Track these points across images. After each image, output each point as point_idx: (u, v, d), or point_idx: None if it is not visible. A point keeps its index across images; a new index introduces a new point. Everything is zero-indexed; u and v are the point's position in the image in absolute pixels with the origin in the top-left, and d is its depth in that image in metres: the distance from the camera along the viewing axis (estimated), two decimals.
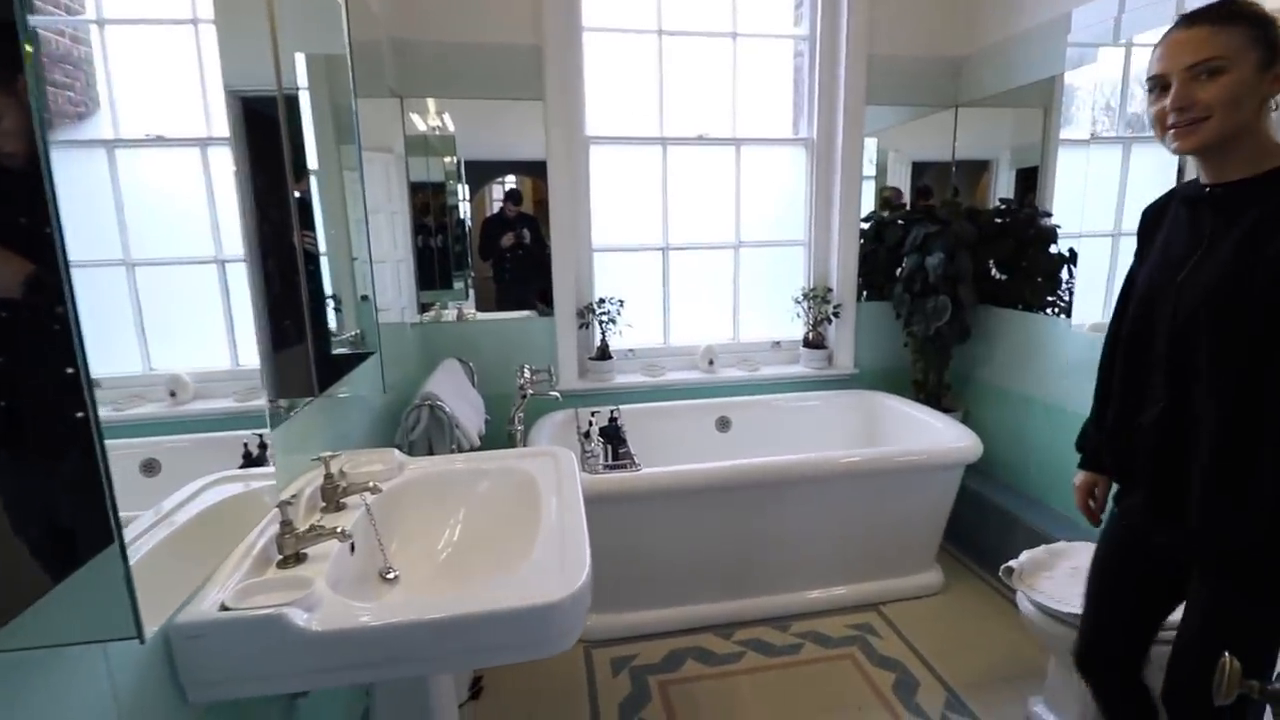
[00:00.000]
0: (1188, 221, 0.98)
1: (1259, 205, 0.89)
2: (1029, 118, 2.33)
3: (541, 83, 2.27)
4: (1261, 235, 0.87)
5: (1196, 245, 0.95)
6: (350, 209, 1.68)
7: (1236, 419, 0.90)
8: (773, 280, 2.73)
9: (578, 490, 1.18)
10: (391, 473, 1.27)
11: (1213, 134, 0.89)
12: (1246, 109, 0.87)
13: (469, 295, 2.48)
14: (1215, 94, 0.87)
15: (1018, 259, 2.40)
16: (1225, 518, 0.93)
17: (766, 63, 2.61)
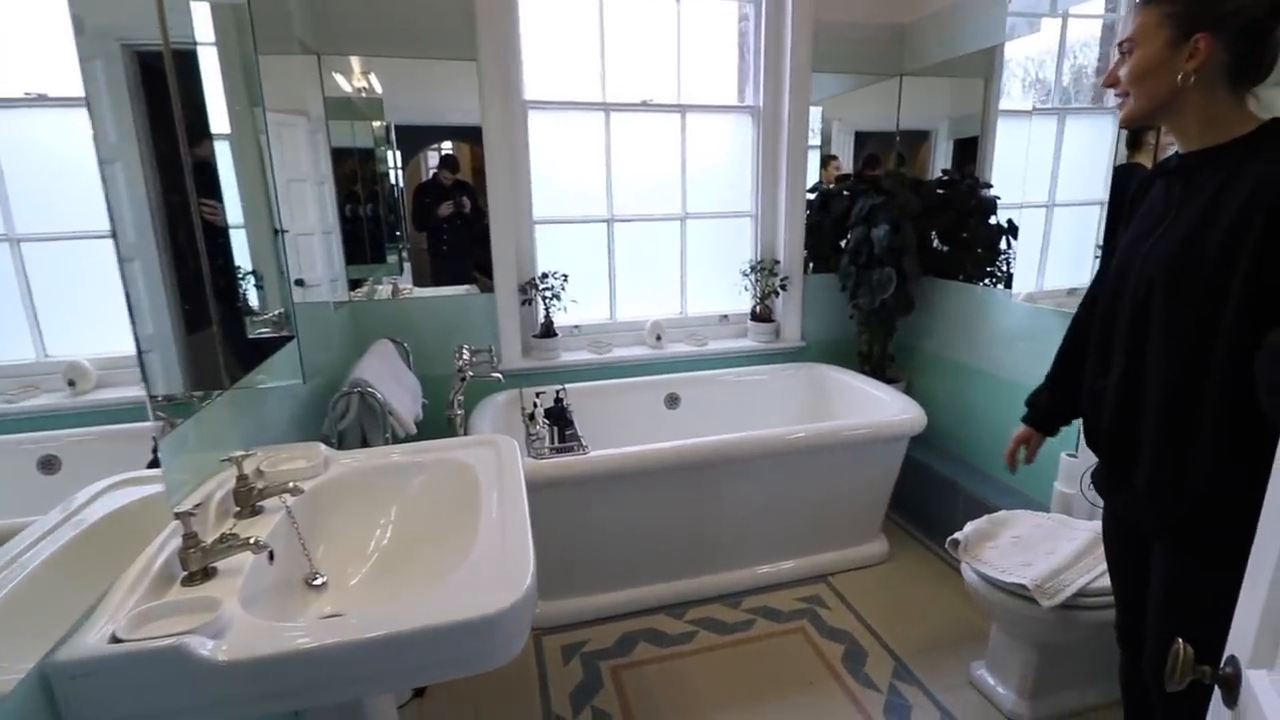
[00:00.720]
0: (1163, 192, 0.99)
1: (1220, 175, 0.89)
2: (969, 88, 2.34)
3: (474, 42, 2.12)
4: (1219, 205, 0.88)
5: (1164, 216, 0.97)
6: (274, 177, 1.54)
7: (1183, 387, 0.91)
8: (720, 253, 2.69)
9: (520, 483, 1.12)
10: (316, 469, 1.17)
11: (1134, 109, 0.95)
12: (1158, 86, 0.91)
13: (403, 269, 2.34)
14: (1126, 73, 0.94)
15: (959, 230, 2.43)
16: (1168, 485, 0.94)
17: (711, 27, 2.52)
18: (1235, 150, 0.89)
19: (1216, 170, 0.90)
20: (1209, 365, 0.88)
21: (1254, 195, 0.83)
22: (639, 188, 2.53)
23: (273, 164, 1.54)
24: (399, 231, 2.30)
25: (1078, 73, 1.96)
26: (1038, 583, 1.47)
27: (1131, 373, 0.98)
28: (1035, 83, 2.08)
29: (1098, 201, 1.89)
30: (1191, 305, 0.89)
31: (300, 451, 1.21)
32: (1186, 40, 0.87)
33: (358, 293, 2.24)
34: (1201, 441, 0.90)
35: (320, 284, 1.88)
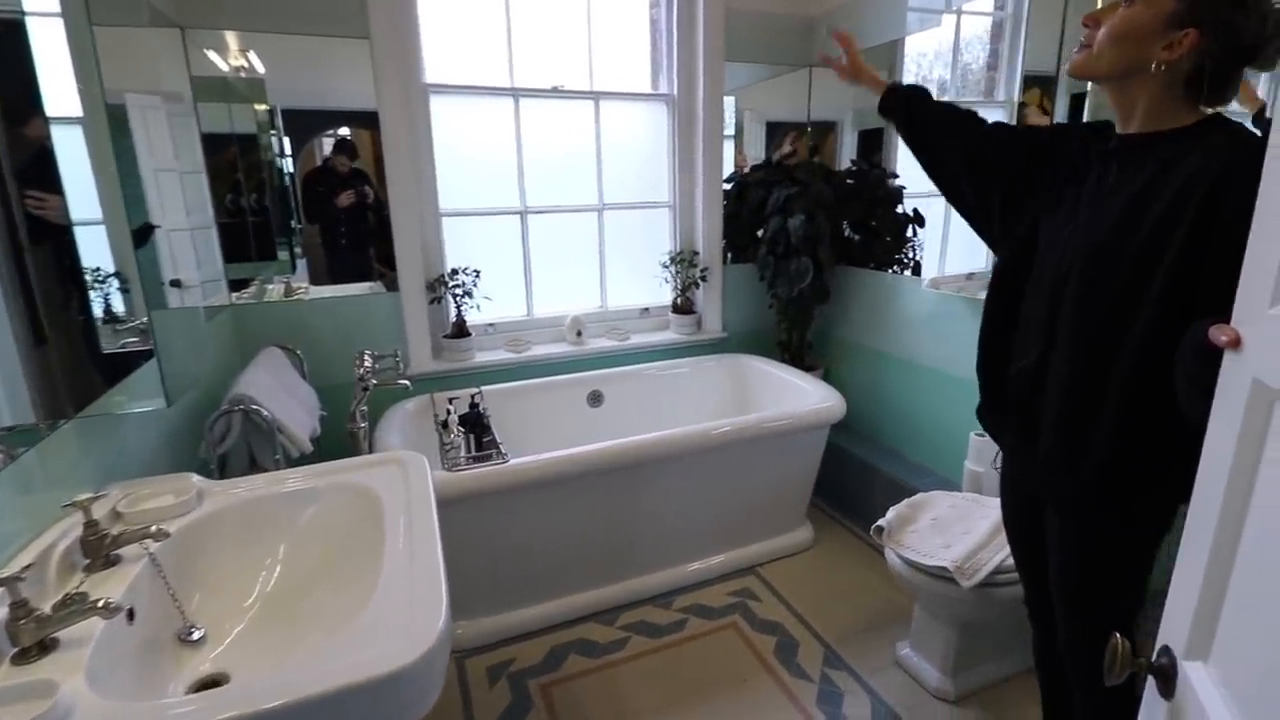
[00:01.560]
0: (1099, 174, 0.96)
1: (1157, 160, 0.87)
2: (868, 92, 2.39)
3: (365, 18, 1.94)
4: (1153, 190, 0.86)
5: (1095, 197, 0.95)
6: (140, 165, 1.36)
7: (1090, 366, 0.92)
8: (639, 244, 2.64)
9: (431, 507, 1.02)
10: (188, 505, 1.03)
11: (1092, 65, 0.90)
12: (1130, 56, 0.86)
13: (296, 266, 2.14)
14: (1108, 24, 0.87)
15: (869, 219, 2.49)
16: (1068, 457, 0.96)
17: (623, 12, 2.45)
18: (1176, 138, 0.87)
19: (1155, 156, 0.88)
20: (1120, 346, 0.89)
21: (1191, 179, 0.81)
22: (553, 178, 2.42)
23: (133, 151, 1.35)
24: (293, 223, 2.10)
25: (970, 68, 2.03)
26: (957, 564, 1.51)
27: (1045, 355, 0.99)
28: (931, 77, 2.14)
29: None
30: (1110, 288, 0.89)
31: (168, 485, 1.06)
32: (1179, 28, 0.83)
33: (244, 293, 2.02)
34: (1104, 419, 0.91)
35: (194, 285, 1.68)
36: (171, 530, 0.94)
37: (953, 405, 2.17)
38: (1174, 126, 0.88)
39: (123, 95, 1.36)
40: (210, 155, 1.88)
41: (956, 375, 2.14)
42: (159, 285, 1.48)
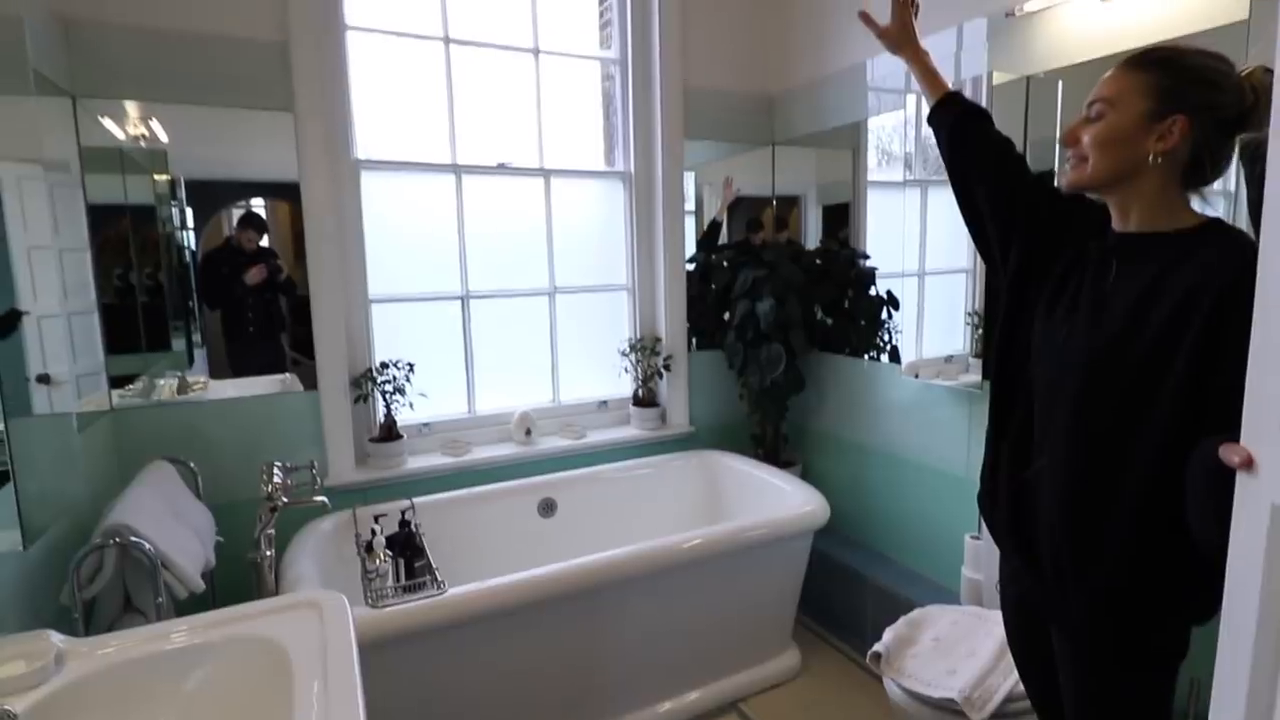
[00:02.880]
0: (1097, 272, 1.01)
1: (1161, 260, 0.92)
2: (837, 157, 2.54)
3: (290, 90, 1.97)
4: (1160, 289, 0.90)
5: (1094, 300, 0.98)
6: (10, 242, 1.31)
7: (1099, 479, 0.94)
8: (595, 331, 2.64)
9: (353, 660, 0.93)
10: (42, 674, 0.90)
11: (1087, 175, 0.96)
12: (1124, 157, 0.93)
13: (193, 359, 2.04)
14: (1090, 135, 0.95)
15: (841, 302, 2.58)
16: (1076, 575, 0.97)
17: (574, 86, 2.57)
18: (1182, 240, 0.92)
19: (1159, 256, 0.93)
20: (1128, 456, 0.91)
21: (1198, 286, 0.85)
22: (499, 260, 2.44)
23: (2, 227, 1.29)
24: (191, 304, 2.02)
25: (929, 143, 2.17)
26: (966, 694, 1.47)
27: (1048, 463, 1.01)
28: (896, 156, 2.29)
29: (963, 270, 2.09)
30: (1114, 392, 0.92)
31: (18, 648, 0.94)
32: (1163, 119, 0.90)
33: (129, 390, 1.90)
34: (1114, 536, 0.92)
35: (67, 382, 1.58)
36: (19, 710, 0.82)
37: (942, 503, 2.18)
38: (1175, 228, 0.94)
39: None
40: (99, 229, 1.81)
41: (943, 470, 2.16)
42: (23, 382, 1.39)
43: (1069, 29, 1.72)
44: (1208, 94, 0.89)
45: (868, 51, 2.30)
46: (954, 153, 1.23)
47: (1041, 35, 1.78)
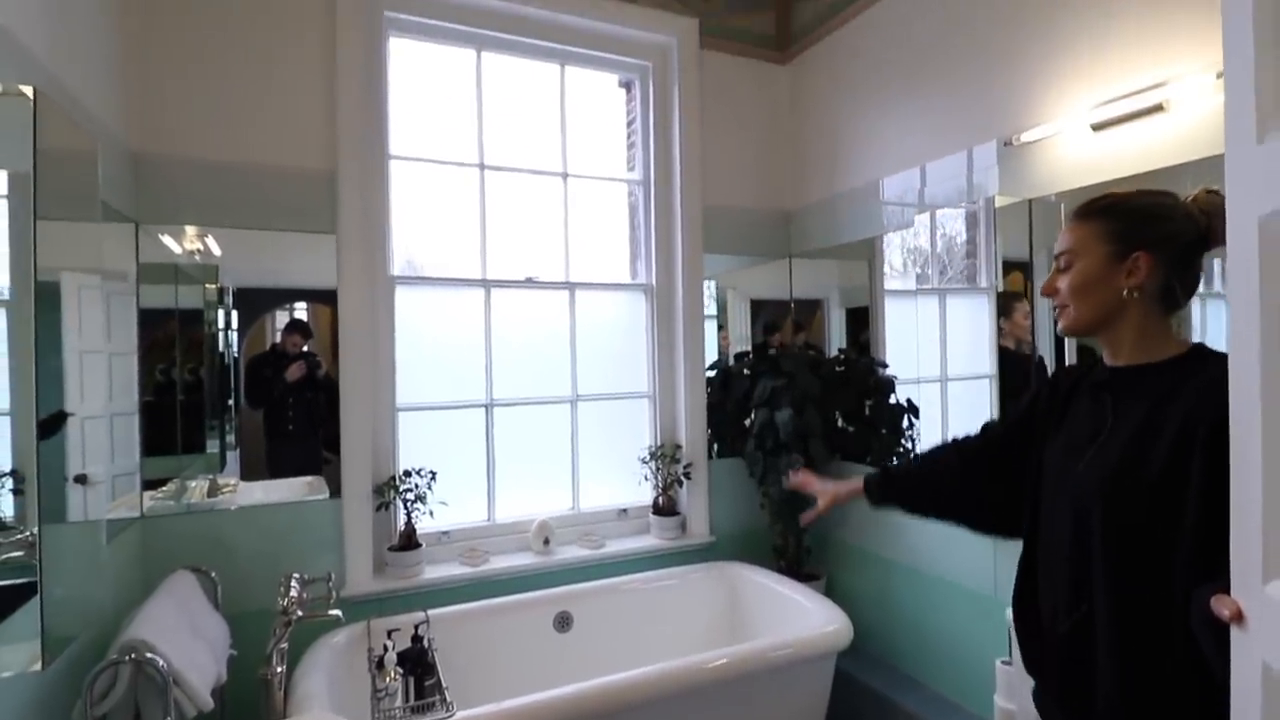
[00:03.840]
0: (1093, 406, 1.05)
1: (1156, 390, 0.96)
2: (857, 267, 2.62)
3: (334, 214, 2.12)
4: (1160, 419, 0.93)
5: (1097, 433, 1.01)
6: (64, 346, 1.38)
7: (1141, 620, 0.91)
8: (616, 438, 2.66)
9: None
10: None
11: (1074, 321, 1.03)
12: (1101, 299, 1.00)
13: (225, 461, 2.09)
14: (1066, 284, 1.03)
15: (861, 410, 2.58)
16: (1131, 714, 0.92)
17: (600, 203, 2.71)
18: (1170, 369, 0.97)
19: (1152, 386, 0.97)
20: (1168, 593, 0.88)
21: (1198, 406, 0.88)
22: (523, 369, 2.51)
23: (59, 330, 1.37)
24: (230, 402, 2.09)
25: (951, 255, 2.23)
26: None
27: (1086, 612, 0.98)
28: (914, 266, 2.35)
29: (986, 375, 2.08)
30: (1137, 529, 0.91)
31: None
32: (1125, 258, 0.97)
33: (160, 493, 1.95)
34: (1167, 670, 0.89)
35: (103, 482, 1.62)
36: None
37: (970, 624, 2.08)
38: (1164, 357, 0.98)
39: (58, 273, 1.40)
40: (147, 329, 1.91)
41: (970, 588, 2.08)
42: (61, 482, 1.43)
43: (1064, 157, 1.79)
44: (1160, 227, 0.97)
45: (880, 170, 2.41)
46: (928, 512, 1.34)
47: (1040, 162, 1.86)
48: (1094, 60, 1.72)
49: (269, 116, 2.05)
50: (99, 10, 1.72)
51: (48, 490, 1.29)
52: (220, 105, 2.00)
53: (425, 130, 2.39)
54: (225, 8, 2.01)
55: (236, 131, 2.01)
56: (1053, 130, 1.80)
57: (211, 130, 1.99)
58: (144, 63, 1.92)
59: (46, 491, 1.28)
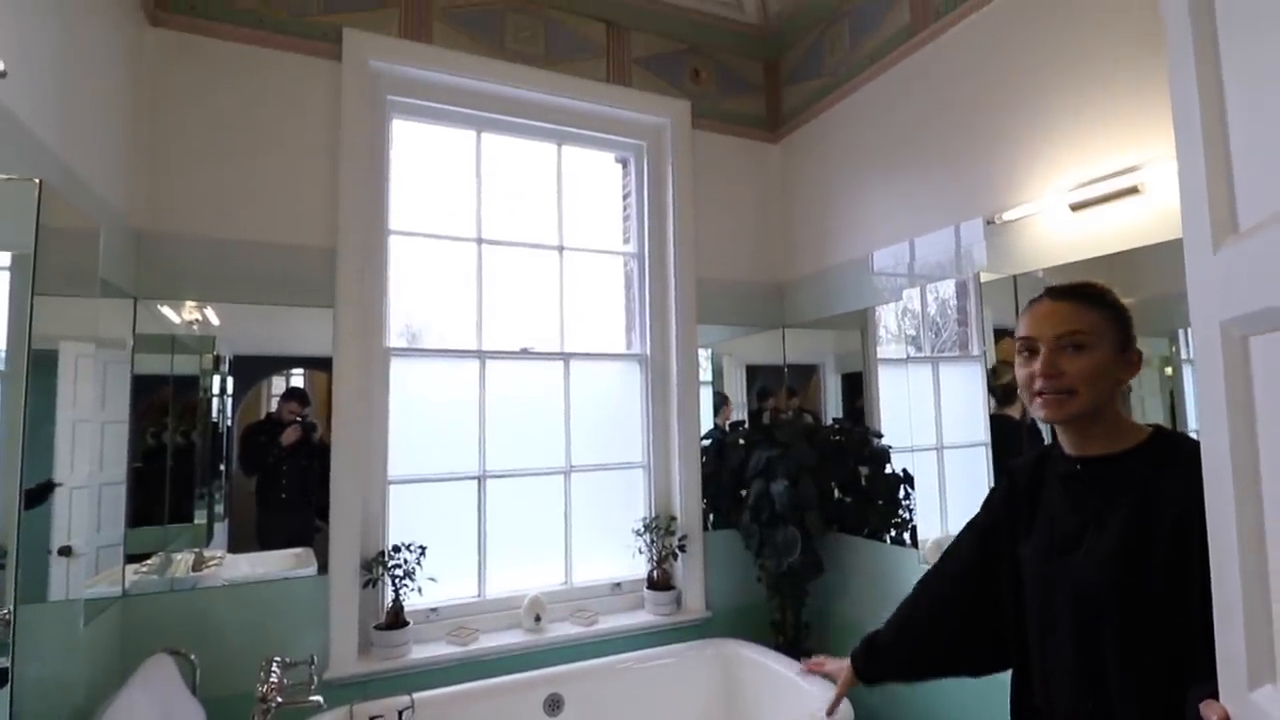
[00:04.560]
0: (1068, 498, 1.04)
1: (1137, 482, 0.96)
2: (850, 336, 2.64)
3: (332, 289, 2.15)
4: (1146, 521, 0.92)
5: (1082, 529, 1.00)
6: (58, 415, 1.40)
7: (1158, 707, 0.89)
8: (610, 510, 2.63)
9: None
10: None
11: (1079, 408, 0.99)
12: (1105, 388, 0.99)
13: (213, 533, 2.06)
14: (1081, 368, 0.98)
15: (857, 480, 2.55)
16: None
17: (596, 275, 2.76)
18: (1140, 457, 0.98)
19: (1129, 477, 0.97)
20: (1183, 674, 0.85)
21: (1188, 498, 0.85)
22: (517, 440, 2.49)
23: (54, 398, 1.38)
24: (221, 468, 2.06)
25: (945, 319, 2.24)
26: None
27: (1093, 711, 0.95)
28: (907, 333, 2.36)
29: (982, 443, 2.07)
30: (1150, 633, 0.90)
31: None
32: (1126, 350, 1.00)
33: (144, 566, 1.91)
34: None
35: (86, 553, 1.59)
36: None
37: (978, 707, 2.00)
38: (1130, 445, 1.00)
39: (57, 341, 1.41)
40: (141, 394, 1.91)
41: None
42: (45, 556, 1.41)
43: (1046, 235, 1.83)
44: (1130, 325, 1.02)
45: (871, 244, 2.45)
46: (926, 676, 1.35)
47: (1023, 239, 1.90)
48: (1071, 143, 1.78)
49: (272, 196, 2.11)
50: (111, 97, 1.80)
51: (30, 564, 1.27)
52: (224, 185, 2.06)
53: (424, 205, 2.45)
54: (235, 94, 2.09)
55: (239, 210, 2.07)
56: (1033, 210, 1.85)
57: (215, 209, 2.04)
58: (152, 144, 1.98)
59: (28, 566, 1.26)
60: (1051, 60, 1.83)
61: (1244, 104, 0.61)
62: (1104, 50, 1.69)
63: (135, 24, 1.94)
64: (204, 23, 2.08)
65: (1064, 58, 1.80)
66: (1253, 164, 0.60)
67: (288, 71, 2.16)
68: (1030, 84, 1.89)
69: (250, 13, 2.13)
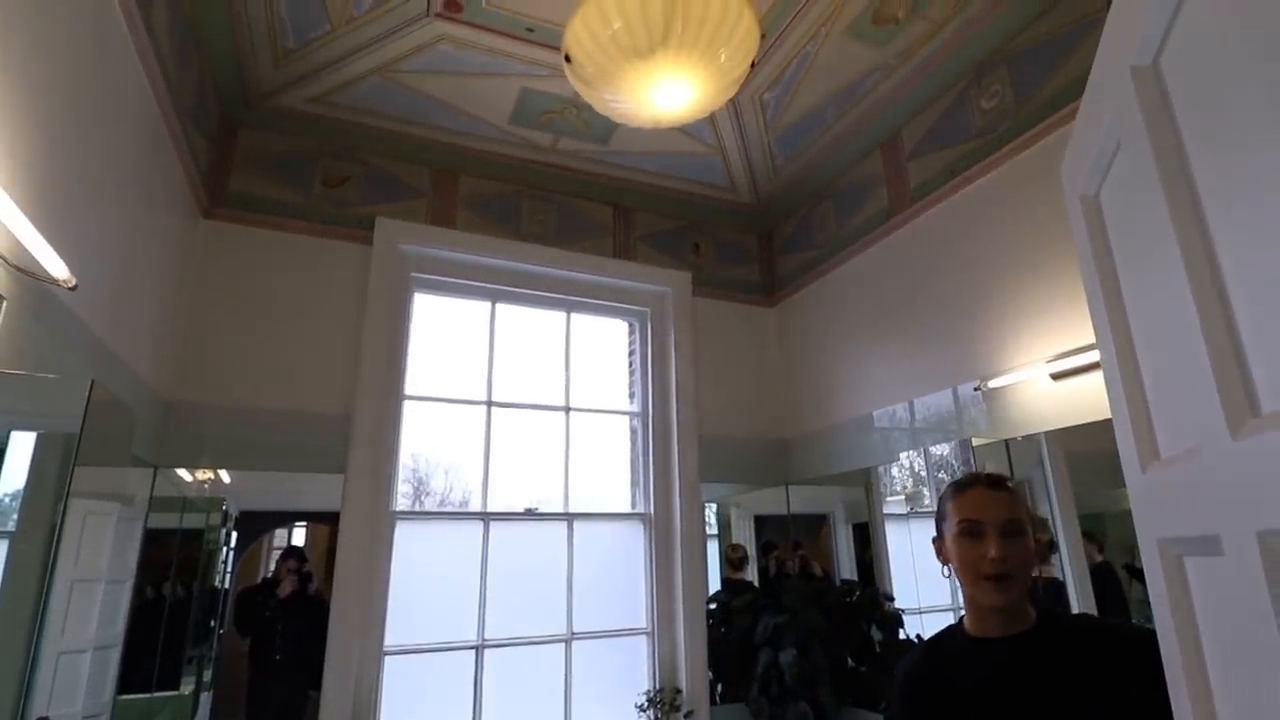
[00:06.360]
0: (990, 683, 1.03)
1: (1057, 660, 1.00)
2: (856, 492, 2.62)
3: (345, 455, 2.22)
4: (1078, 685, 0.96)
5: (1020, 709, 1.00)
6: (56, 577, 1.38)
7: None
8: (611, 680, 2.51)
9: None
10: None
11: (1020, 592, 1.04)
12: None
13: (197, 706, 1.98)
14: (1023, 555, 1.04)
15: (871, 646, 2.44)
16: None
17: (601, 434, 2.82)
18: (1048, 633, 1.03)
19: (1049, 652, 1.01)
20: None
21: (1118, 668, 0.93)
22: (517, 604, 2.45)
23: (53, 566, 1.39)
24: (213, 623, 2.01)
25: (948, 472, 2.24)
26: None
27: None
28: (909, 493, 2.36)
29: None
30: None
31: None
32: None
33: None
34: None
35: None
36: None
37: None
38: (1030, 623, 1.04)
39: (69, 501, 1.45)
40: (146, 549, 1.92)
41: None
42: None
43: (1031, 401, 1.88)
44: None
45: (871, 404, 2.50)
46: None
47: (1011, 405, 1.95)
48: (1048, 316, 1.87)
49: (295, 367, 2.25)
50: (161, 286, 1.98)
51: None
52: (251, 357, 2.21)
53: (438, 370, 2.58)
54: (270, 274, 2.29)
55: (264, 381, 2.20)
56: (1019, 378, 1.91)
57: (239, 379, 2.17)
58: (190, 323, 2.15)
59: None
60: (1015, 243, 1.98)
61: (1149, 346, 0.69)
62: (1061, 235, 1.82)
63: (189, 218, 2.17)
64: (252, 215, 2.32)
65: (1025, 241, 1.94)
66: (1165, 402, 0.66)
67: (321, 255, 2.38)
68: (999, 263, 2.03)
69: (295, 205, 2.38)
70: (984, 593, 1.03)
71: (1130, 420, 0.70)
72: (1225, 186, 0.56)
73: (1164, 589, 0.66)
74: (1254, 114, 0.52)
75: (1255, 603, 0.49)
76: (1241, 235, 0.54)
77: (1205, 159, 0.58)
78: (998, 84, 2.09)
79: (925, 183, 2.33)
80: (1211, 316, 0.55)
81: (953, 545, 1.08)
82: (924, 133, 2.36)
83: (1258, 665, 0.50)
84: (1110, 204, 0.76)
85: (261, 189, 2.36)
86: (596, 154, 2.70)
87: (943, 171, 2.26)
